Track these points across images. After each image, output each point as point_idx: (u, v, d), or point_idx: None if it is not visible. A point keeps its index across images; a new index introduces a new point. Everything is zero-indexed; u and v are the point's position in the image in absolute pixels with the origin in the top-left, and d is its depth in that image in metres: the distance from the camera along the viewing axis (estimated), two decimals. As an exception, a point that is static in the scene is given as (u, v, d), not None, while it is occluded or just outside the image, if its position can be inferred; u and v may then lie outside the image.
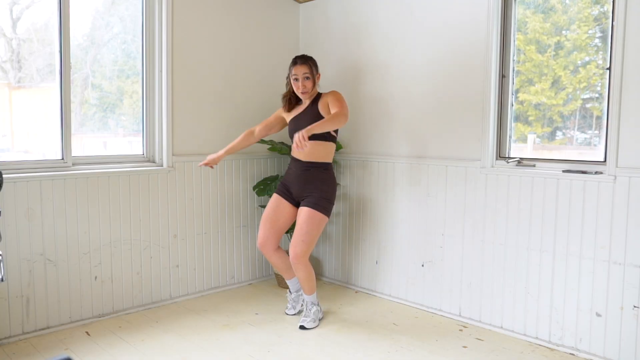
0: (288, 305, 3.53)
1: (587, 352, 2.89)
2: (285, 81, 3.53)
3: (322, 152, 3.27)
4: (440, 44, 3.43)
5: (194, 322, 3.34)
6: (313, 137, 3.11)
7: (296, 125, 3.27)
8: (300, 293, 3.50)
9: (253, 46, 4.07)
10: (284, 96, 3.45)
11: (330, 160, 3.33)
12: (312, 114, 3.26)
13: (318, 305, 3.38)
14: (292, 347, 3.01)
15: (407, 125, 3.66)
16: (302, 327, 3.25)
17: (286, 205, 3.35)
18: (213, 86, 3.86)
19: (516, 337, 3.15)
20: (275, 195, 3.40)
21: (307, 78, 3.27)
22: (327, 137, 3.26)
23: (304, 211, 3.21)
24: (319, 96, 3.34)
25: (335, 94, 3.25)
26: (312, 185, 3.25)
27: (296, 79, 3.28)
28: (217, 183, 3.92)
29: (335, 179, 3.37)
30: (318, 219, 3.20)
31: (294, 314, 3.48)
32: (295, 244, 3.19)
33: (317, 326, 3.29)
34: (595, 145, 2.99)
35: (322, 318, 3.42)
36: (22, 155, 3.21)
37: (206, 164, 3.45)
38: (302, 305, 3.49)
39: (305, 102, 3.36)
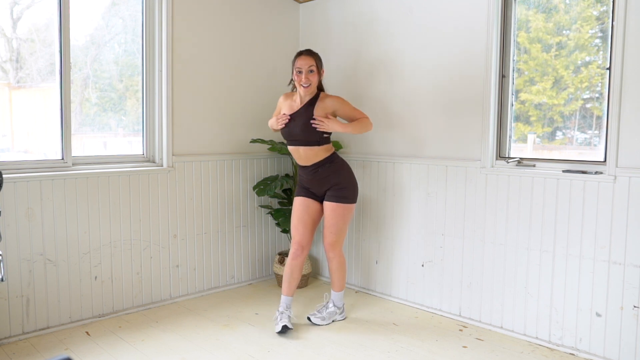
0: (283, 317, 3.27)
1: (587, 352, 2.89)
2: (290, 79, 3.39)
3: (319, 153, 3.23)
4: (440, 44, 3.43)
5: (194, 322, 3.34)
6: (307, 144, 3.19)
7: (289, 126, 3.22)
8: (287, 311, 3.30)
9: (253, 46, 4.07)
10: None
11: (331, 152, 3.27)
12: (307, 117, 3.17)
13: (341, 307, 3.41)
14: (292, 347, 3.01)
15: (407, 125, 3.66)
16: (309, 319, 3.33)
17: (312, 203, 3.33)
18: (213, 86, 3.86)
19: (516, 337, 3.14)
20: (300, 199, 3.34)
21: (312, 71, 3.15)
22: (319, 141, 3.20)
23: (327, 206, 3.29)
24: (316, 97, 3.22)
25: (344, 102, 3.28)
26: (327, 181, 3.26)
27: (300, 72, 3.14)
28: (217, 183, 3.92)
29: (344, 163, 3.33)
30: (340, 210, 3.26)
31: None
32: (326, 236, 3.32)
33: (327, 324, 3.35)
34: (595, 145, 2.99)
35: (344, 319, 3.43)
36: (22, 155, 3.21)
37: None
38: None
39: (302, 100, 3.22)
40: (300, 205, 3.34)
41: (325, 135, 3.23)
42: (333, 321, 3.38)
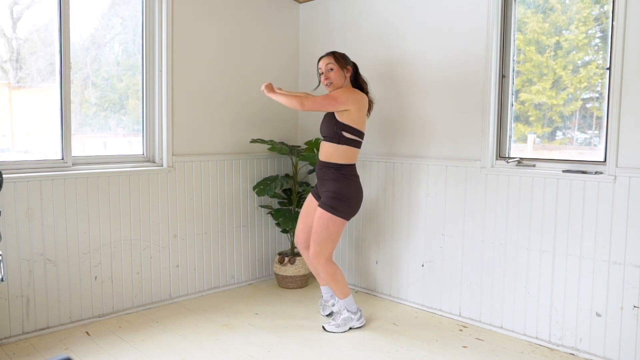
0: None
1: (587, 352, 2.89)
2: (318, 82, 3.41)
3: (334, 154, 3.14)
4: (440, 44, 3.43)
5: (194, 322, 3.34)
6: (324, 138, 3.21)
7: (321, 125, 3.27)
8: (329, 300, 3.44)
9: (253, 46, 4.07)
10: None
11: (344, 162, 3.14)
12: (329, 115, 3.19)
13: (355, 312, 3.25)
14: (292, 347, 3.01)
15: (407, 125, 3.66)
16: (323, 328, 3.24)
17: (313, 202, 3.33)
18: (213, 86, 3.86)
19: (516, 337, 3.14)
20: (309, 195, 3.43)
21: (331, 69, 3.16)
22: (337, 140, 3.12)
23: (317, 211, 3.19)
24: None
25: (341, 90, 3.13)
26: (325, 184, 3.20)
27: (321, 73, 3.22)
28: (217, 183, 3.92)
29: (352, 177, 3.17)
30: (326, 218, 3.11)
31: (326, 315, 3.48)
32: (310, 245, 3.23)
33: (343, 331, 3.21)
34: (595, 145, 2.99)
35: (363, 325, 3.29)
36: (22, 155, 3.21)
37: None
38: (331, 309, 3.45)
39: None
40: (306, 201, 3.43)
41: (345, 135, 3.10)
42: (350, 328, 3.24)
